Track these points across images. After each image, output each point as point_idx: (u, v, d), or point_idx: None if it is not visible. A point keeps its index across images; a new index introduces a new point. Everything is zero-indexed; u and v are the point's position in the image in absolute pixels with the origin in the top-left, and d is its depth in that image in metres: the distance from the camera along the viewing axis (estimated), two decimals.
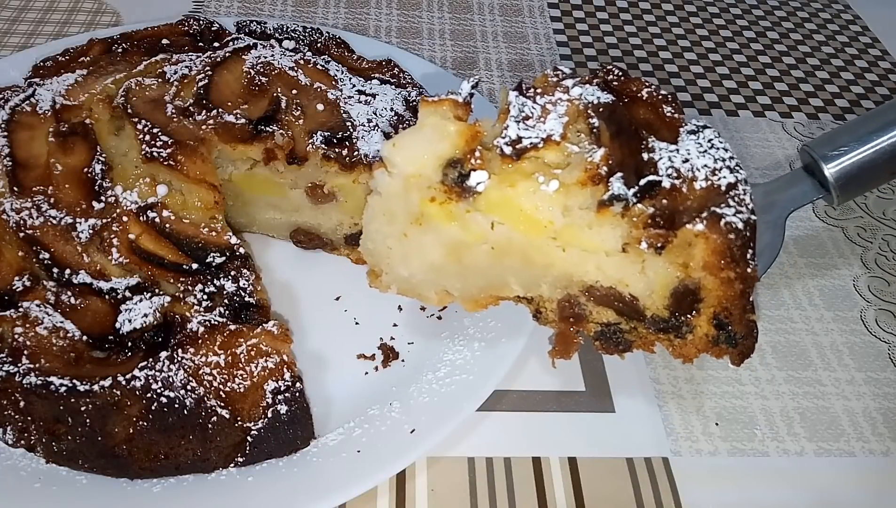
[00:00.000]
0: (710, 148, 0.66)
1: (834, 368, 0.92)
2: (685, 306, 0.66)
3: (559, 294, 0.71)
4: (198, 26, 1.07)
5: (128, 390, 0.67)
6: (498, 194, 0.66)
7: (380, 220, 0.72)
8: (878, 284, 1.03)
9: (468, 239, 0.69)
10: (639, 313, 0.68)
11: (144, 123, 0.85)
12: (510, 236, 0.68)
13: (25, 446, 0.72)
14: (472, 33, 1.43)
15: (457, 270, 0.72)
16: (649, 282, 0.66)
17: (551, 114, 0.67)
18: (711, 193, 0.63)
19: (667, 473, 0.79)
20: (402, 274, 0.74)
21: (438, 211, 0.68)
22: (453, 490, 0.76)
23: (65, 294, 0.75)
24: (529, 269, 0.70)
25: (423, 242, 0.70)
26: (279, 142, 0.87)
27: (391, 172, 0.69)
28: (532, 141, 0.65)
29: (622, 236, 0.64)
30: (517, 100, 0.68)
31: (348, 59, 1.08)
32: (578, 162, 0.64)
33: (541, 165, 0.65)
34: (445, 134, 0.67)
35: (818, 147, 0.71)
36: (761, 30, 1.55)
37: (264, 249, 0.97)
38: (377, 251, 0.74)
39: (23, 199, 0.80)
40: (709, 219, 0.61)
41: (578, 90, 0.68)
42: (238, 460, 0.72)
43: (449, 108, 0.67)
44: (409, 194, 0.69)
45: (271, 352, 0.73)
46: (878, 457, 0.83)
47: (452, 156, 0.67)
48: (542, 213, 0.66)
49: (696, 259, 0.63)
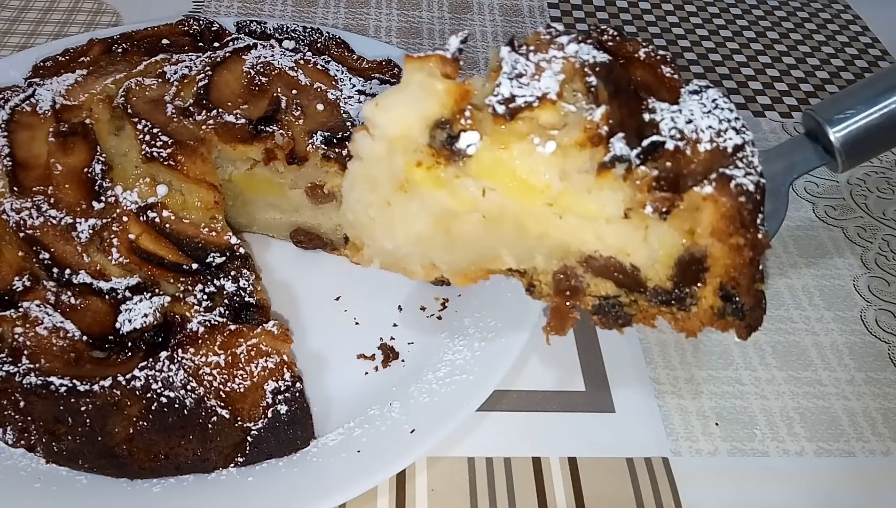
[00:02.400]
0: (714, 108, 0.62)
1: (834, 368, 0.92)
2: (690, 277, 0.61)
3: (555, 266, 0.66)
4: (198, 26, 1.07)
5: (128, 390, 0.67)
6: (490, 157, 0.61)
7: (361, 187, 0.66)
8: (878, 284, 1.03)
9: (457, 207, 0.64)
10: (640, 285, 0.64)
11: (144, 123, 0.85)
12: (503, 204, 0.63)
13: (25, 446, 0.72)
14: (472, 33, 1.43)
15: (445, 241, 0.66)
16: (652, 251, 0.61)
17: (546, 72, 0.61)
18: (717, 155, 0.59)
19: (667, 473, 0.79)
20: (386, 246, 0.68)
21: (425, 176, 0.63)
22: (453, 490, 0.76)
23: (65, 294, 0.75)
24: (523, 239, 0.65)
25: (409, 210, 0.65)
26: (279, 142, 0.87)
27: (373, 135, 0.63)
28: (526, 100, 0.59)
29: (624, 200, 0.60)
30: (509, 56, 0.61)
31: (348, 59, 1.08)
32: (576, 122, 0.59)
33: (536, 125, 0.60)
34: (432, 92, 0.61)
35: (822, 110, 0.67)
36: (761, 30, 1.55)
37: (264, 249, 0.97)
38: (358, 222, 0.69)
39: (23, 199, 0.80)
40: (718, 181, 0.57)
41: (574, 47, 0.62)
42: (238, 460, 0.72)
43: (436, 64, 0.61)
44: (393, 158, 0.63)
45: (271, 352, 0.73)
46: (878, 457, 0.83)
47: (440, 116, 0.61)
48: (537, 177, 0.61)
49: (704, 225, 0.58)
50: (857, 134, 0.65)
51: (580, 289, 0.66)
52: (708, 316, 0.63)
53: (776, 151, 0.72)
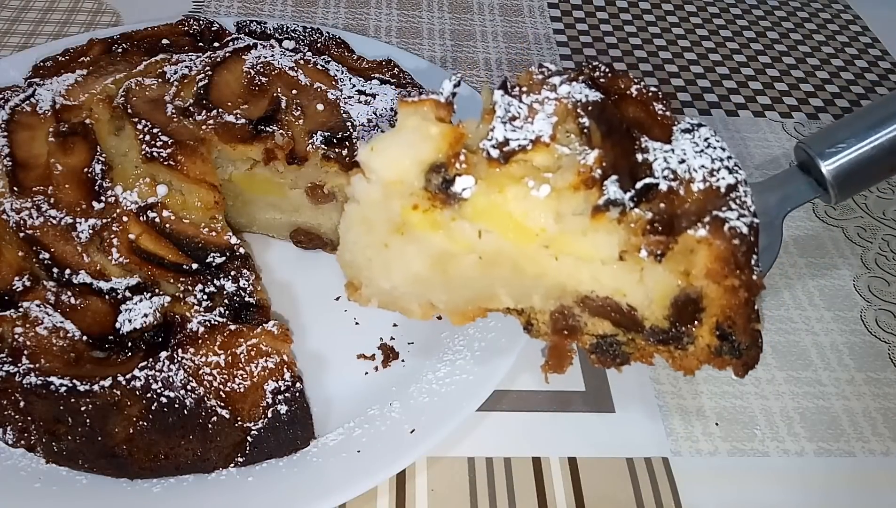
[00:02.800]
0: (706, 147, 0.63)
1: (834, 368, 0.92)
2: (686, 316, 0.63)
3: (552, 306, 0.67)
4: (198, 26, 1.07)
5: (128, 390, 0.67)
6: (485, 201, 0.62)
7: (358, 229, 0.67)
8: (878, 284, 1.03)
9: (454, 249, 0.65)
10: (637, 324, 0.65)
11: (144, 123, 0.85)
12: (499, 245, 0.64)
13: (25, 446, 0.72)
14: (472, 33, 1.43)
15: (442, 281, 0.67)
16: (648, 291, 0.63)
17: (539, 114, 0.63)
18: (710, 195, 0.60)
19: (667, 473, 0.79)
20: (384, 287, 0.69)
21: (422, 219, 0.64)
22: (453, 490, 0.76)
23: (65, 294, 0.75)
24: (520, 279, 0.66)
25: (406, 252, 0.66)
26: (279, 142, 0.87)
27: (369, 179, 0.64)
28: (520, 143, 0.60)
29: (619, 243, 0.61)
30: (503, 99, 0.63)
31: (348, 59, 1.08)
32: (570, 165, 0.60)
33: (530, 168, 0.61)
34: (427, 137, 0.62)
35: (814, 144, 0.68)
36: (761, 30, 1.55)
37: (264, 249, 0.97)
38: (355, 263, 0.70)
39: (23, 199, 0.80)
40: (711, 224, 0.58)
41: (566, 88, 0.64)
42: (238, 460, 0.72)
43: (430, 109, 0.62)
44: (389, 202, 0.64)
45: (271, 352, 0.73)
46: (878, 457, 0.83)
47: (435, 160, 0.62)
48: (532, 220, 0.62)
49: (699, 267, 0.59)
50: (848, 167, 0.66)
51: (578, 328, 0.67)
52: (705, 355, 0.64)
53: (769, 183, 0.72)
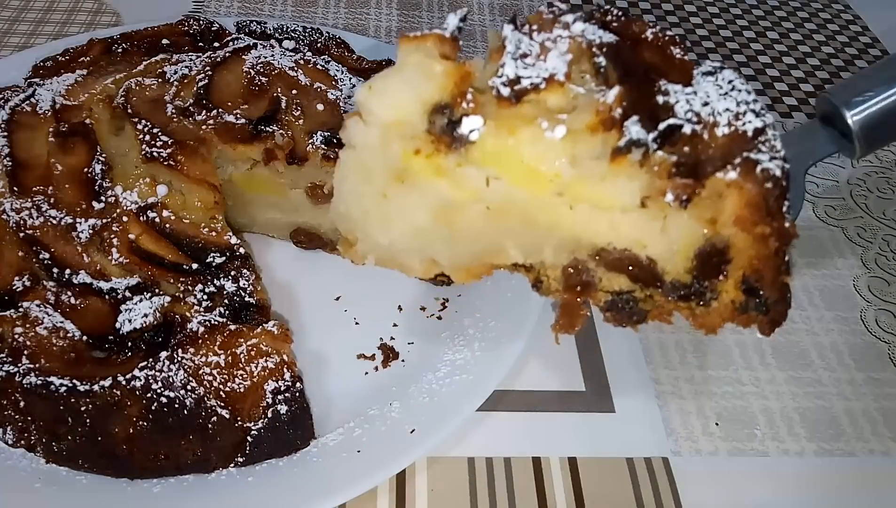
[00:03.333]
0: (731, 90, 0.58)
1: (834, 368, 0.92)
2: (711, 269, 0.57)
3: (565, 260, 0.61)
4: (198, 26, 1.07)
5: (128, 390, 0.67)
6: (495, 144, 0.56)
7: (354, 178, 0.61)
8: (879, 284, 1.03)
9: (460, 197, 0.59)
10: (657, 279, 0.59)
11: (144, 123, 0.85)
12: (509, 193, 0.58)
13: (25, 446, 0.72)
14: (473, 33, 1.43)
15: (446, 234, 0.61)
16: (670, 242, 0.57)
17: (552, 52, 0.56)
18: (737, 139, 0.55)
19: (667, 473, 0.79)
20: (382, 242, 0.63)
21: (424, 165, 0.58)
22: (453, 490, 0.76)
23: (65, 294, 0.75)
24: (531, 231, 0.60)
25: (407, 202, 0.60)
26: (279, 142, 0.87)
27: (367, 121, 0.58)
28: (533, 81, 0.54)
29: (640, 188, 0.55)
30: (513, 35, 0.56)
31: (348, 59, 1.08)
32: (587, 105, 0.54)
33: (543, 109, 0.55)
34: (430, 74, 0.56)
35: (839, 93, 0.64)
36: (761, 30, 1.55)
37: (264, 249, 0.97)
38: (351, 215, 0.63)
39: (23, 199, 0.80)
40: (742, 166, 0.53)
41: (580, 26, 0.58)
42: (238, 460, 0.72)
43: (434, 44, 0.56)
44: (389, 146, 0.59)
45: (271, 352, 0.73)
46: (878, 457, 0.83)
47: (440, 100, 0.56)
48: (546, 164, 0.56)
49: (727, 213, 0.54)
50: (875, 117, 0.62)
51: (592, 284, 0.61)
52: (729, 311, 0.59)
53: (789, 136, 0.69)
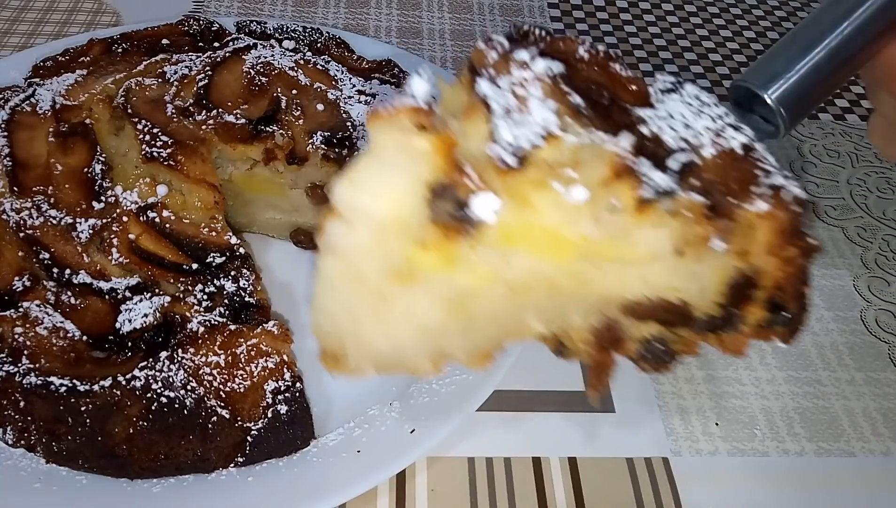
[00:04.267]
0: (702, 106, 0.55)
1: (834, 368, 0.92)
2: (740, 297, 0.56)
3: (594, 320, 0.57)
4: (198, 26, 1.07)
5: (128, 390, 0.67)
6: (513, 220, 0.50)
7: (342, 287, 0.53)
8: (879, 284, 1.03)
9: (475, 283, 0.52)
10: (687, 318, 0.57)
11: (144, 123, 0.85)
12: (531, 267, 0.52)
13: (25, 446, 0.72)
14: (473, 33, 1.43)
15: (460, 324, 0.55)
16: (702, 281, 0.54)
17: (531, 100, 0.51)
18: (728, 159, 0.52)
19: (667, 473, 0.79)
20: (381, 348, 0.55)
21: (434, 259, 0.50)
22: (453, 490, 0.76)
23: (65, 294, 0.75)
24: (556, 300, 0.55)
25: (412, 301, 0.53)
26: (279, 142, 0.87)
27: (351, 221, 0.50)
28: (531, 141, 0.48)
29: (672, 236, 0.52)
30: (491, 91, 0.50)
31: (348, 59, 1.08)
32: (593, 156, 0.50)
33: (545, 168, 0.50)
34: (415, 153, 0.48)
35: (753, 77, 0.64)
36: (761, 30, 1.55)
37: (264, 249, 0.97)
38: (339, 328, 0.55)
39: (23, 199, 0.80)
40: (772, 194, 0.50)
41: (543, 63, 0.53)
42: (238, 460, 0.72)
43: (408, 117, 0.48)
44: (385, 246, 0.51)
45: (271, 352, 0.73)
46: (878, 457, 0.83)
47: (435, 180, 0.49)
48: (571, 230, 0.51)
49: (759, 243, 0.52)
50: (792, 92, 0.63)
51: (621, 339, 0.58)
52: (754, 331, 0.57)
53: None
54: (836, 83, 0.66)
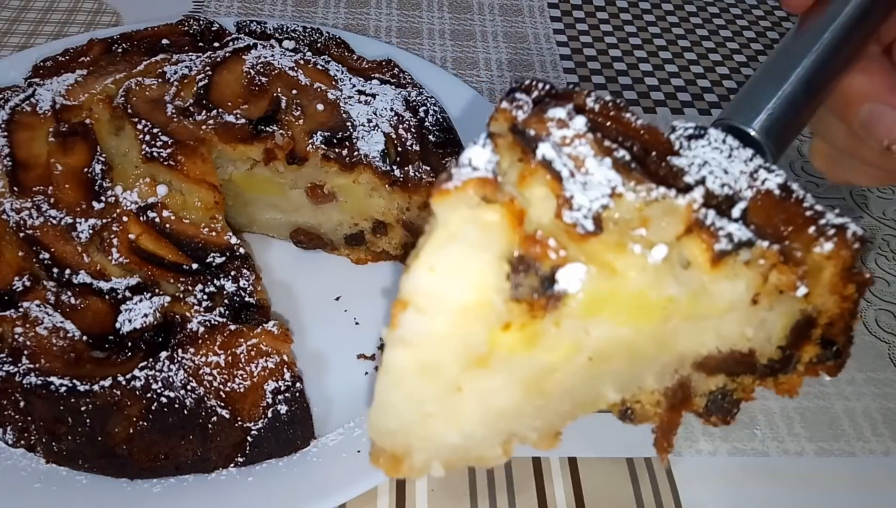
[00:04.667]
0: (730, 150, 0.55)
1: None
2: (800, 339, 0.55)
3: (668, 381, 0.55)
4: (198, 26, 1.07)
5: (128, 390, 0.67)
6: (599, 288, 0.47)
7: (414, 383, 0.49)
8: (879, 284, 1.03)
9: (558, 359, 0.49)
10: (753, 366, 0.55)
11: (144, 123, 0.85)
12: (613, 335, 0.49)
13: (25, 446, 0.72)
14: (472, 33, 1.43)
15: (537, 405, 0.52)
16: (769, 328, 0.54)
17: (587, 159, 0.49)
18: (769, 201, 0.52)
19: (667, 473, 0.79)
20: (451, 441, 0.51)
21: (517, 339, 0.47)
22: (453, 490, 0.76)
23: (65, 294, 0.75)
24: (635, 365, 0.53)
25: (489, 387, 0.49)
26: (279, 142, 0.87)
27: (428, 311, 0.46)
28: (601, 202, 0.47)
29: (748, 286, 0.50)
30: (553, 154, 0.47)
31: (348, 59, 1.08)
32: (662, 212, 0.48)
33: (615, 230, 0.47)
34: (488, 228, 0.45)
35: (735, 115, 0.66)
36: (761, 29, 1.55)
37: (264, 249, 0.97)
38: (404, 426, 0.50)
39: (23, 199, 0.80)
40: (838, 235, 0.51)
41: (581, 120, 0.51)
42: (238, 460, 0.72)
43: (475, 190, 0.44)
44: (467, 331, 0.47)
45: (271, 352, 0.73)
46: (878, 457, 0.83)
47: (512, 255, 0.45)
48: (658, 291, 0.48)
49: (823, 284, 0.52)
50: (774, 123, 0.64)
51: (691, 396, 0.56)
52: (808, 369, 0.57)
53: None
54: (814, 109, 0.68)
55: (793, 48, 0.67)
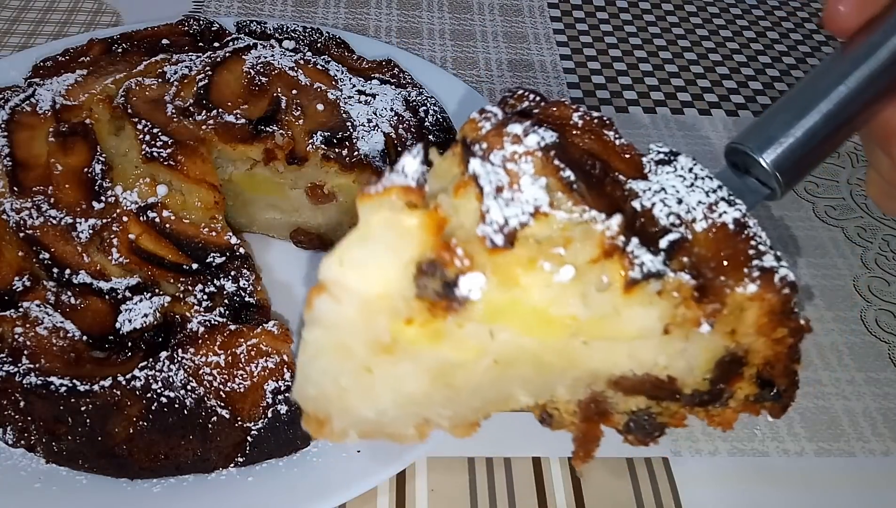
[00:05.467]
0: (695, 180, 0.56)
1: (834, 368, 0.92)
2: (729, 374, 0.56)
3: (581, 394, 0.58)
4: (198, 26, 1.07)
5: (128, 390, 0.67)
6: (499, 298, 0.50)
7: (328, 358, 0.53)
8: (879, 284, 1.03)
9: (462, 357, 0.52)
10: (675, 393, 0.57)
11: (144, 123, 0.85)
12: (517, 343, 0.52)
13: (25, 446, 0.72)
14: (472, 33, 1.43)
15: (446, 395, 0.55)
16: (690, 359, 0.55)
17: (522, 177, 0.51)
18: (721, 236, 0.53)
19: (667, 473, 0.79)
20: (366, 415, 0.55)
21: (419, 334, 0.51)
22: (453, 490, 0.76)
23: (65, 294, 0.75)
24: (543, 374, 0.56)
25: (397, 372, 0.53)
26: (279, 142, 0.87)
27: (339, 298, 0.50)
28: (520, 220, 0.49)
29: (661, 316, 0.53)
30: (482, 169, 0.50)
31: (348, 59, 1.08)
32: (584, 235, 0.50)
33: (534, 246, 0.50)
34: (404, 232, 0.48)
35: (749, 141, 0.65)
36: (761, 30, 1.55)
37: (264, 249, 0.97)
38: (324, 395, 0.54)
39: (23, 199, 0.80)
40: (762, 278, 0.52)
41: (534, 138, 0.53)
42: (238, 460, 0.72)
43: (398, 196, 0.48)
44: (372, 321, 0.51)
45: (271, 352, 0.73)
46: (878, 457, 0.83)
47: (423, 258, 0.49)
48: (558, 309, 0.51)
49: (748, 324, 0.53)
50: (788, 156, 0.64)
51: (608, 411, 0.59)
52: (743, 405, 0.59)
53: None
54: (832, 147, 0.67)
55: (822, 78, 0.65)
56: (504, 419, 0.82)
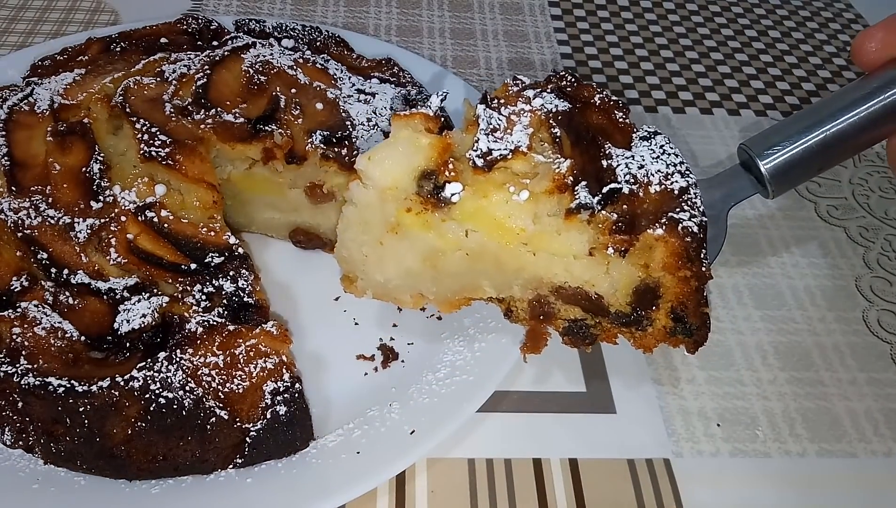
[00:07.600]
0: (661, 154, 0.71)
1: (836, 368, 0.92)
2: (646, 302, 0.71)
3: (530, 295, 0.75)
4: (196, 25, 1.07)
5: (126, 390, 0.67)
6: (472, 204, 0.70)
7: (355, 229, 0.75)
8: (881, 284, 1.03)
9: (443, 246, 0.72)
10: (603, 310, 0.73)
11: (143, 123, 0.85)
12: (483, 243, 0.71)
13: (24, 447, 0.71)
14: (473, 32, 1.43)
15: (432, 274, 0.74)
16: (613, 281, 0.71)
17: (517, 125, 0.71)
18: (665, 196, 0.69)
19: (668, 474, 0.79)
20: (378, 279, 0.76)
21: (414, 221, 0.71)
22: (453, 491, 0.76)
23: (63, 294, 0.75)
24: (501, 272, 0.73)
25: (399, 249, 0.73)
26: (278, 141, 0.86)
27: (366, 185, 0.72)
28: (501, 153, 0.68)
29: (588, 240, 0.69)
30: (485, 113, 0.71)
31: (348, 57, 1.07)
32: (545, 172, 0.68)
33: (510, 175, 0.69)
34: (418, 147, 0.70)
35: (754, 145, 0.77)
36: (762, 28, 1.55)
37: (263, 249, 0.97)
38: (352, 258, 0.77)
39: (21, 198, 0.80)
40: (668, 224, 0.67)
41: (539, 101, 0.73)
42: (237, 461, 0.72)
43: (420, 121, 0.70)
44: (384, 205, 0.72)
45: (270, 353, 0.73)
46: (879, 458, 0.83)
47: (426, 168, 0.70)
48: (513, 221, 0.70)
49: (656, 261, 0.68)
50: (782, 166, 0.75)
51: (552, 314, 0.75)
52: (661, 335, 0.73)
53: (716, 180, 0.81)
54: (825, 165, 0.77)
55: (835, 101, 0.74)
56: (504, 420, 0.82)
